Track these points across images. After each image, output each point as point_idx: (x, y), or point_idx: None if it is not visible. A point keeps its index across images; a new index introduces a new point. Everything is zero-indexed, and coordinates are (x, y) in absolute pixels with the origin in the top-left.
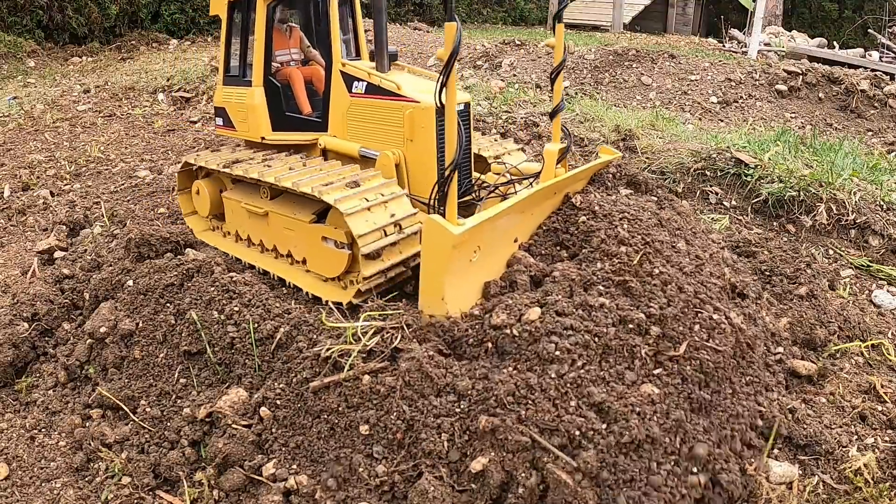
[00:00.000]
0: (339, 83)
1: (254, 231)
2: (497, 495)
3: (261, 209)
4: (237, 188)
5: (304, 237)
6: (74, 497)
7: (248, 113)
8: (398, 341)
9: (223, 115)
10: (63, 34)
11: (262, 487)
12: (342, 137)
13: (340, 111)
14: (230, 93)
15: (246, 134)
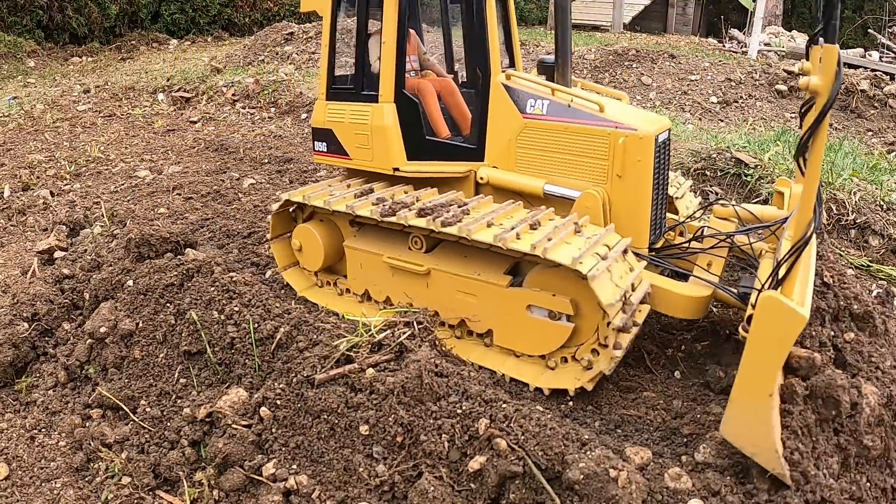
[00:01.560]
0: (502, 101)
1: (397, 291)
2: (496, 495)
3: (419, 267)
4: (365, 234)
5: (493, 304)
6: (74, 497)
7: (373, 137)
8: (404, 337)
9: (328, 140)
10: (63, 34)
11: (262, 487)
12: (507, 169)
13: (506, 136)
14: (340, 111)
15: (368, 163)
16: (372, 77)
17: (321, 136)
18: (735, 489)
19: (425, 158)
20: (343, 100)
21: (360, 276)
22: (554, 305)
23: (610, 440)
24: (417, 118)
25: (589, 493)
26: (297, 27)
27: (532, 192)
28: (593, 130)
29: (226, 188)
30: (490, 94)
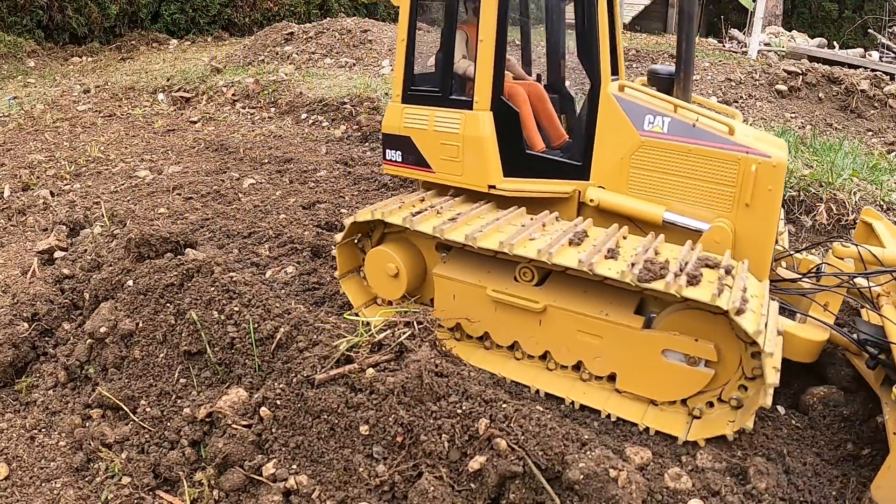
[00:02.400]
0: (614, 114)
1: (501, 328)
2: (496, 495)
3: (535, 304)
4: (456, 259)
5: (621, 346)
6: (74, 497)
7: (465, 149)
8: (404, 336)
9: (404, 149)
10: (63, 34)
11: (262, 487)
12: (616, 191)
13: (617, 155)
14: (421, 117)
15: (457, 179)
16: (461, 79)
17: (395, 143)
18: (735, 489)
19: (524, 175)
20: (425, 104)
21: (452, 309)
22: (695, 351)
23: (610, 440)
24: (517, 129)
25: (589, 493)
26: (297, 27)
27: (650, 219)
28: (721, 155)
29: (226, 188)
30: (599, 106)
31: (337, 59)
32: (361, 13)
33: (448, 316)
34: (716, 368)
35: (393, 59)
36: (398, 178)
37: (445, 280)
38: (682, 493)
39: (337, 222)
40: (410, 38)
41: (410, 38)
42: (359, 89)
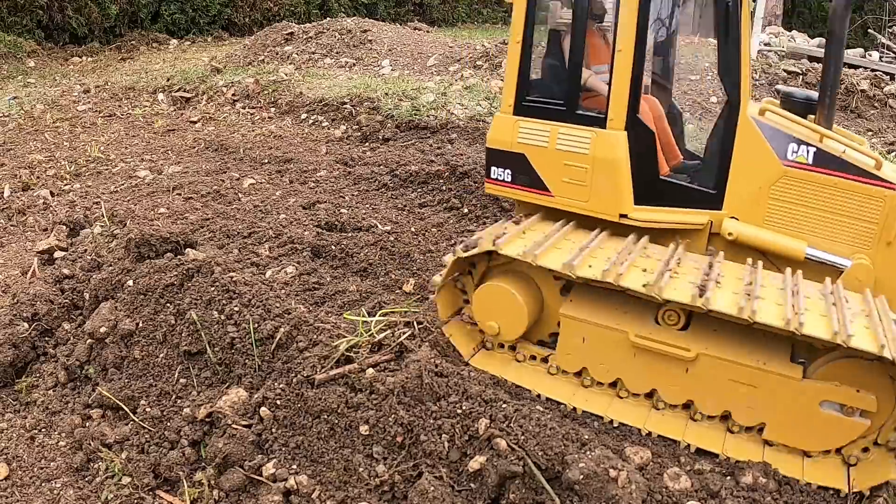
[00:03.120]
0: (754, 140)
1: (637, 374)
2: (496, 495)
3: (686, 351)
4: (584, 298)
5: (776, 397)
6: (74, 497)
7: (595, 172)
8: (404, 336)
9: (516, 167)
10: (63, 34)
11: (262, 487)
12: (752, 222)
13: (756, 184)
14: (540, 132)
15: (581, 205)
16: (588, 91)
17: (504, 160)
18: (735, 490)
19: (655, 203)
20: (544, 118)
21: (580, 353)
22: (856, 402)
23: (610, 440)
24: (652, 151)
25: (589, 493)
26: (297, 27)
27: (791, 255)
28: (867, 190)
29: (226, 188)
30: (738, 130)
31: (337, 59)
32: (361, 13)
33: (573, 361)
34: (872, 416)
35: (393, 60)
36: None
37: (575, 322)
38: (682, 493)
39: (337, 222)
40: (526, 39)
41: (526, 39)
42: (359, 89)
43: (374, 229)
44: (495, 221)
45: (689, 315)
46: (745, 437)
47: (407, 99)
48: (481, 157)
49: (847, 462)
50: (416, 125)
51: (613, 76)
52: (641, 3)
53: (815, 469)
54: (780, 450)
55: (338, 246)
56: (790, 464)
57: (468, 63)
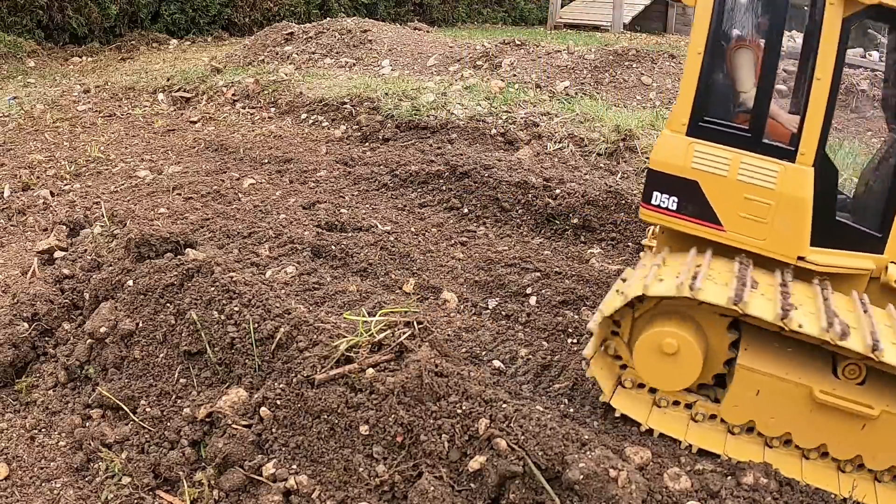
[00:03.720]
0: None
1: (809, 429)
2: (496, 495)
3: (870, 409)
4: (758, 346)
5: None
6: (74, 497)
7: (778, 210)
8: (404, 336)
9: (685, 195)
10: (63, 34)
11: (262, 487)
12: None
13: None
14: (720, 159)
15: (756, 243)
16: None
17: (671, 186)
18: (735, 491)
19: (827, 245)
20: (724, 143)
21: (750, 406)
22: None
23: (610, 440)
24: (833, 190)
25: (589, 493)
26: (297, 27)
27: None
28: None
29: (226, 188)
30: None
31: (337, 59)
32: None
33: (741, 413)
34: None
35: (393, 60)
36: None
37: (754, 374)
38: (682, 494)
39: (337, 222)
40: (709, 51)
41: (709, 51)
42: (359, 89)
43: (374, 229)
44: (496, 222)
45: (867, 369)
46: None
47: (407, 99)
48: (481, 157)
49: None
50: (416, 125)
51: (809, 106)
52: (843, 29)
53: None
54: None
55: (338, 246)
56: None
57: (468, 63)
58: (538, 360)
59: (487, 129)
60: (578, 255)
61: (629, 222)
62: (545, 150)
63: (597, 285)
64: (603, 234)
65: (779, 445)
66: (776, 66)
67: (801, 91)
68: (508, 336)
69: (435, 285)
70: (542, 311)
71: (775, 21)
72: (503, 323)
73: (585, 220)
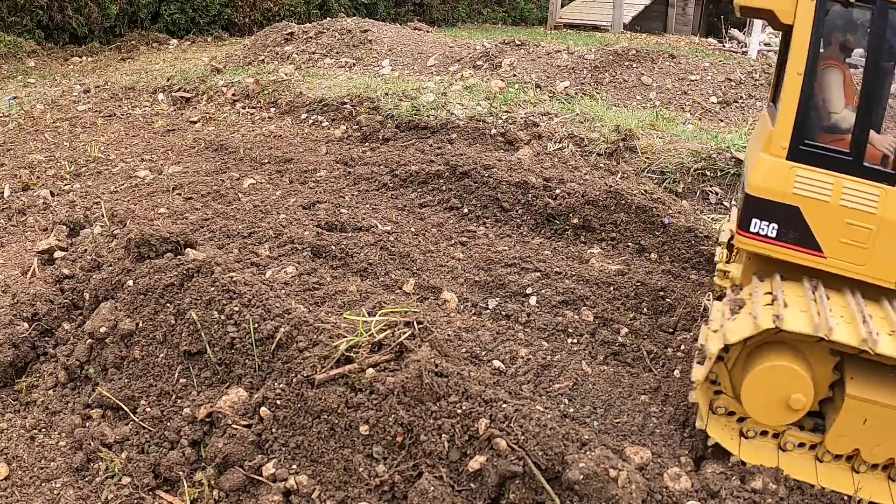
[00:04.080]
0: None
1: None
2: (496, 495)
3: None
4: (863, 375)
5: None
6: (74, 497)
7: (880, 234)
8: (404, 336)
9: (786, 222)
10: (63, 34)
11: (262, 487)
12: None
13: None
14: (822, 185)
15: (856, 269)
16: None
17: (771, 213)
18: (735, 491)
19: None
20: (826, 167)
21: (856, 435)
22: None
23: (610, 440)
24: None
25: (589, 493)
26: (297, 27)
27: None
28: None
29: (226, 188)
30: None
31: (337, 59)
32: (361, 13)
33: (847, 443)
34: None
35: (393, 60)
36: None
37: (863, 403)
38: (682, 494)
39: (337, 222)
40: (811, 68)
41: (811, 68)
42: (359, 89)
43: (374, 229)
44: (496, 222)
45: None
46: None
47: (407, 99)
48: (481, 157)
49: None
50: (416, 125)
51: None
52: None
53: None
54: None
55: (338, 246)
56: None
57: (468, 63)
58: (538, 360)
59: (487, 129)
60: (578, 255)
61: (629, 222)
62: (545, 150)
63: (597, 285)
64: (603, 234)
65: (866, 470)
66: (882, 86)
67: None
68: (508, 336)
69: (435, 285)
70: (542, 311)
71: (881, 36)
72: (503, 323)
73: (585, 220)
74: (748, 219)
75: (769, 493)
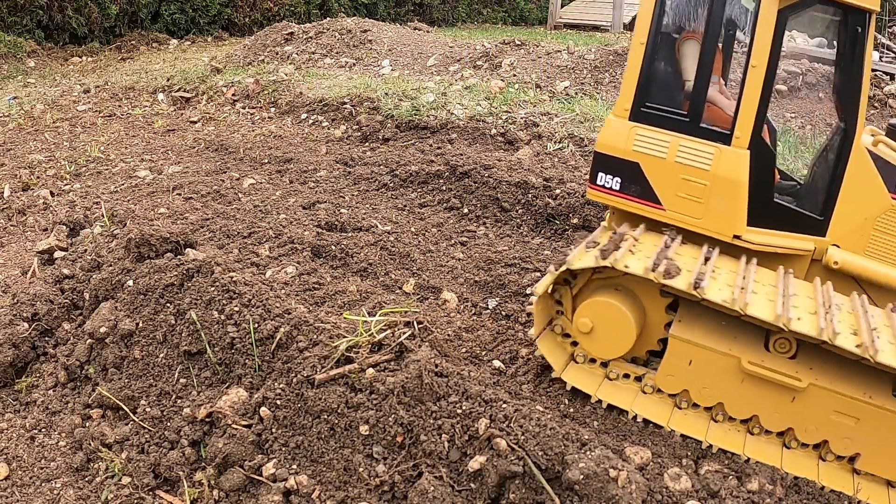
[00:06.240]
0: (865, 170)
1: (740, 399)
2: (496, 495)
3: (797, 381)
4: (693, 318)
5: (878, 430)
6: (74, 497)
7: (713, 190)
8: (404, 336)
9: (627, 176)
10: (63, 34)
11: (262, 487)
12: (851, 251)
13: (861, 214)
14: (659, 142)
15: (693, 221)
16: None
17: (614, 168)
18: (735, 491)
19: (766, 226)
20: (664, 127)
21: (684, 375)
22: None
23: (610, 440)
24: (770, 173)
25: (589, 493)
26: (297, 27)
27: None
28: None
29: (226, 188)
30: (850, 158)
31: (337, 59)
32: (361, 13)
33: (675, 382)
34: None
35: (393, 60)
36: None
37: (685, 344)
38: (682, 494)
39: (337, 222)
40: (651, 43)
41: (651, 43)
42: (359, 89)
43: (374, 229)
44: (496, 222)
45: (798, 344)
46: (835, 465)
47: (407, 99)
48: (481, 158)
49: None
50: (416, 125)
51: (744, 92)
52: (779, 20)
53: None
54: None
55: (338, 246)
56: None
57: (468, 63)
58: (538, 360)
59: (487, 129)
60: None
61: None
62: (545, 150)
63: None
64: None
65: (723, 420)
66: (714, 55)
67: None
68: (508, 336)
69: (435, 285)
70: None
71: (715, 11)
72: (503, 323)
73: (585, 220)
74: (595, 173)
75: (766, 494)
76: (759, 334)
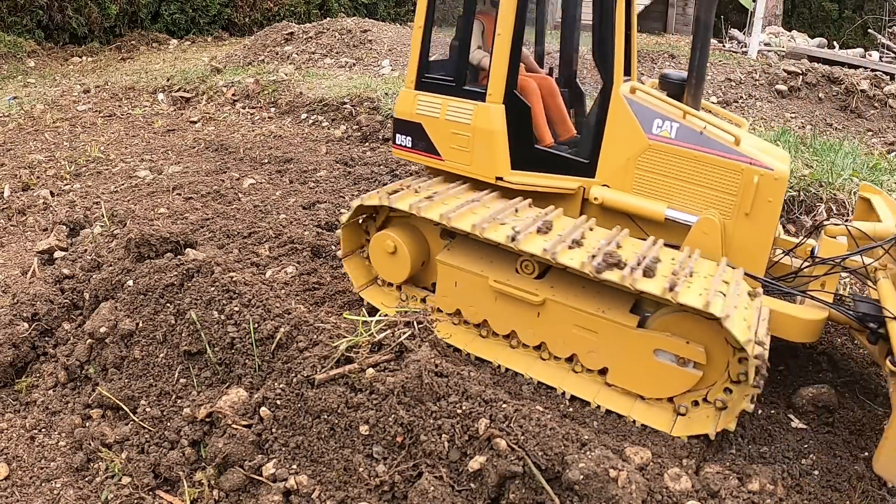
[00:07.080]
0: (624, 116)
1: (499, 316)
2: (496, 495)
3: (535, 297)
4: (459, 248)
5: (615, 343)
6: (74, 497)
7: (475, 140)
8: (404, 336)
9: (414, 135)
10: (63, 34)
11: (262, 487)
12: (620, 189)
13: (624, 155)
14: (433, 104)
15: (465, 168)
16: (475, 70)
17: (406, 129)
18: (735, 491)
19: (531, 169)
20: (438, 92)
21: (453, 296)
22: (686, 353)
23: (610, 440)
24: (527, 124)
25: (589, 493)
26: (297, 27)
27: (652, 216)
28: (726, 164)
29: (226, 188)
30: (610, 107)
31: (337, 59)
32: (361, 13)
33: (449, 302)
34: (704, 370)
35: (393, 60)
36: (403, 164)
37: (448, 267)
38: (682, 494)
39: (337, 223)
40: (427, 25)
41: (427, 25)
42: (359, 89)
43: None
44: None
45: (546, 267)
46: (587, 377)
47: None
48: None
49: (678, 412)
50: None
51: (493, 57)
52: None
53: (643, 410)
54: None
55: (338, 246)
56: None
57: None
58: None
59: None
60: None
61: None
62: None
63: None
64: None
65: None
66: (470, 29)
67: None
68: None
69: None
70: None
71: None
72: None
73: None
74: (395, 134)
75: (767, 494)
76: (511, 259)
